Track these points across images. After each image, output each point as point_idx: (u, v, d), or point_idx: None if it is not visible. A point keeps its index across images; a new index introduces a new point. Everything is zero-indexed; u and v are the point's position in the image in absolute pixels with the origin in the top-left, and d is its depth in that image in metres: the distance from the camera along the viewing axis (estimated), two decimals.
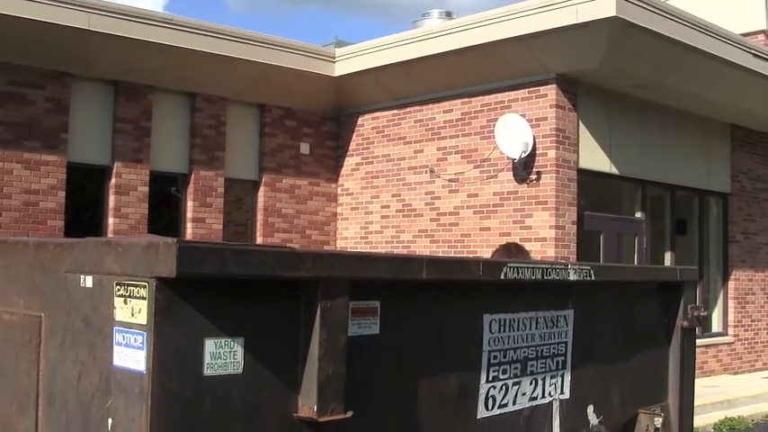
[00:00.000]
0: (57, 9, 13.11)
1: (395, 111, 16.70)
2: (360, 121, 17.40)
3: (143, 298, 2.91)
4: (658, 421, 5.48)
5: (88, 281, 3.21)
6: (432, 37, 15.12)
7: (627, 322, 5.50)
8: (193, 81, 15.40)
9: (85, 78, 14.46)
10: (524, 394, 4.60)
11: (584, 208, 14.77)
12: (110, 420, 3.03)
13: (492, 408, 4.37)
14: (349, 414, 3.41)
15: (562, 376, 4.88)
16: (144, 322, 2.90)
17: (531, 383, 4.64)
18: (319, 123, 17.57)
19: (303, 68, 16.16)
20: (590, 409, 5.09)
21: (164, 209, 15.82)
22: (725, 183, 18.32)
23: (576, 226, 14.31)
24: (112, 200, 14.56)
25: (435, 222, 15.75)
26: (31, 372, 3.52)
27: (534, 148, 14.13)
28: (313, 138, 17.43)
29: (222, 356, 3.06)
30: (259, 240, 16.35)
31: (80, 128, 14.38)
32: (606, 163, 15.04)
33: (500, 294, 4.41)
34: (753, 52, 15.62)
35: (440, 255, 14.55)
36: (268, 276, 3.15)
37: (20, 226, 13.45)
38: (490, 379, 4.34)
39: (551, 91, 14.16)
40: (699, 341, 11.66)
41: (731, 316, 18.43)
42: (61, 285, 3.37)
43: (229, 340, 3.08)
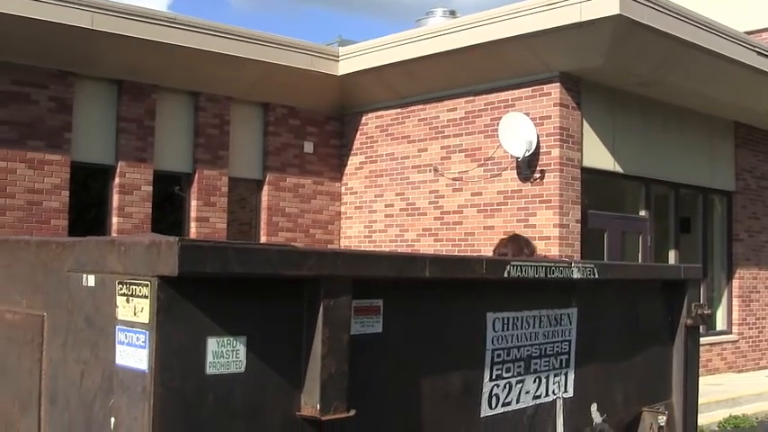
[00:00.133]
0: (60, 8, 13.12)
1: (398, 109, 16.69)
2: (363, 120, 17.39)
3: (145, 297, 2.90)
4: (662, 419, 5.47)
5: (90, 280, 3.21)
6: (435, 36, 15.11)
7: (630, 320, 5.49)
8: (197, 80, 15.40)
9: (89, 78, 14.46)
10: (528, 393, 4.59)
11: (587, 206, 14.75)
12: (112, 419, 3.03)
13: (495, 406, 4.36)
14: (352, 413, 3.40)
15: (566, 374, 4.87)
16: (146, 321, 2.89)
17: (535, 382, 4.64)
18: (323, 122, 17.56)
19: (307, 67, 16.15)
20: (593, 408, 5.09)
21: (168, 208, 15.82)
22: (729, 181, 18.30)
23: (580, 224, 14.30)
24: (116, 199, 14.56)
25: (439, 221, 15.74)
26: (34, 371, 3.52)
27: (538, 147, 14.12)
28: (317, 137, 17.42)
29: (224, 355, 3.05)
30: (263, 239, 16.34)
31: (84, 127, 14.39)
32: (610, 161, 15.03)
33: (503, 293, 4.40)
34: (757, 50, 15.59)
35: (443, 253, 14.54)
36: (270, 275, 3.14)
37: (23, 225, 13.46)
38: (493, 377, 4.34)
39: (555, 89, 14.15)
40: (703, 339, 11.66)
41: (735, 314, 18.41)
42: (63, 284, 3.36)
43: (232, 339, 3.08)
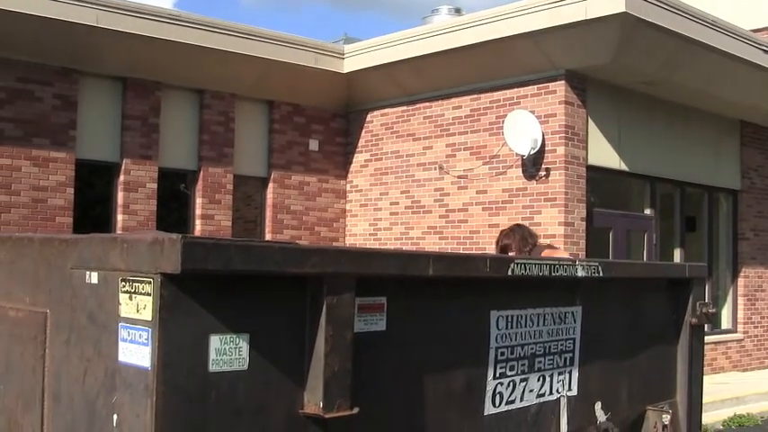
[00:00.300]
0: (65, 6, 13.12)
1: (404, 107, 16.68)
2: (369, 118, 17.38)
3: (148, 294, 2.90)
4: (666, 418, 5.46)
5: (93, 277, 3.21)
6: (441, 33, 15.09)
7: (635, 319, 5.48)
8: (202, 78, 15.40)
9: (94, 75, 14.46)
10: (532, 391, 4.59)
11: (593, 204, 14.73)
12: (115, 417, 3.03)
13: (499, 404, 4.36)
14: (355, 410, 3.40)
15: (570, 373, 4.87)
16: (149, 318, 2.89)
17: (539, 380, 4.63)
18: (328, 120, 17.55)
19: (312, 65, 16.14)
20: (598, 406, 5.08)
21: (173, 205, 15.82)
22: (734, 179, 18.26)
23: (585, 222, 14.27)
24: (121, 197, 14.56)
25: (444, 219, 15.72)
26: (37, 368, 3.52)
27: (543, 145, 14.10)
28: (322, 134, 17.41)
29: (227, 353, 3.05)
30: (268, 237, 16.33)
31: (88, 124, 14.39)
32: (615, 159, 15.00)
33: (507, 291, 4.40)
34: (763, 48, 15.55)
35: (448, 251, 14.53)
36: (273, 272, 3.13)
37: (28, 223, 13.46)
38: (497, 375, 4.33)
39: (560, 87, 14.13)
40: (708, 338, 11.64)
41: (741, 313, 18.38)
42: (66, 281, 3.36)
43: (235, 336, 3.07)
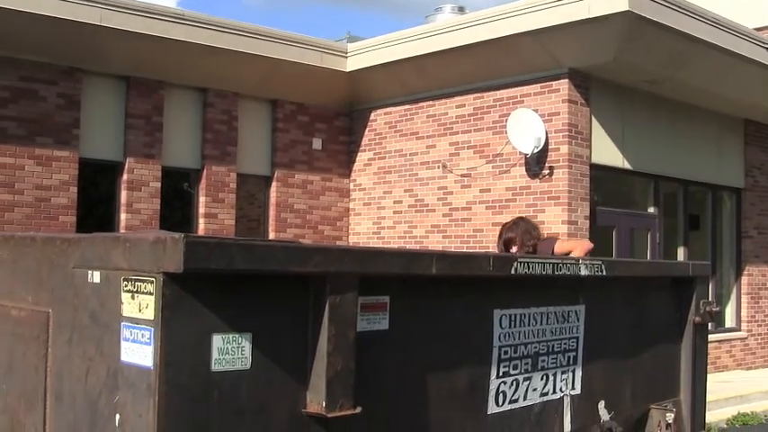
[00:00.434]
0: (69, 5, 13.11)
1: (407, 106, 16.66)
2: (372, 117, 17.37)
3: (150, 293, 2.90)
4: (670, 417, 5.46)
5: (96, 276, 3.20)
6: (444, 32, 15.07)
7: (638, 318, 5.48)
8: (205, 76, 15.39)
9: (97, 74, 14.46)
10: (535, 390, 4.58)
11: (596, 203, 14.72)
12: (117, 416, 3.03)
13: (502, 403, 4.36)
14: (358, 410, 3.40)
15: (573, 372, 4.86)
16: (151, 318, 2.89)
17: (542, 379, 4.63)
18: (332, 119, 17.54)
19: (315, 64, 16.12)
20: (601, 405, 5.08)
21: (176, 204, 15.82)
22: (738, 178, 18.24)
23: (589, 221, 14.26)
24: (124, 195, 14.56)
25: (448, 218, 15.71)
26: (39, 368, 3.51)
27: (547, 143, 14.08)
28: (325, 133, 17.40)
29: (230, 352, 3.05)
30: (271, 236, 16.32)
31: (92, 123, 14.38)
32: (619, 158, 14.99)
33: (511, 289, 4.39)
34: (766, 47, 15.52)
35: (451, 250, 14.52)
36: (276, 271, 3.13)
37: (32, 222, 13.46)
38: (501, 374, 4.33)
39: (564, 86, 14.11)
40: (712, 336, 11.63)
41: (744, 311, 18.36)
42: (69, 281, 3.36)
43: (237, 336, 3.07)
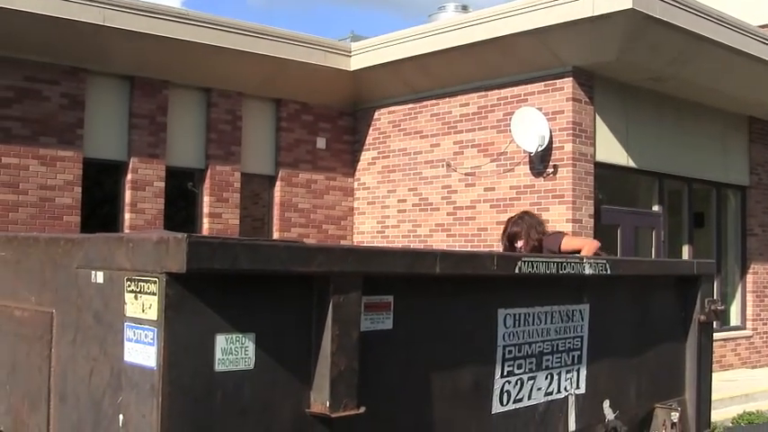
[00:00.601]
0: (71, 5, 13.11)
1: (411, 105, 16.65)
2: (376, 116, 17.36)
3: (153, 293, 2.89)
4: (675, 416, 5.45)
5: (99, 276, 3.20)
6: (447, 31, 15.06)
7: (643, 316, 5.47)
8: (209, 76, 15.39)
9: (101, 74, 14.46)
10: (539, 389, 4.58)
11: (601, 201, 14.70)
12: (121, 416, 3.03)
13: (507, 403, 4.35)
14: (362, 410, 3.40)
15: (578, 371, 4.86)
16: (154, 318, 2.89)
17: (547, 378, 4.62)
18: (336, 118, 17.54)
19: (319, 63, 16.11)
20: (606, 404, 5.07)
21: (180, 204, 15.82)
22: (743, 175, 18.20)
23: (593, 219, 14.24)
24: (128, 195, 14.56)
25: (452, 216, 15.70)
26: (43, 368, 3.51)
27: (551, 142, 14.06)
28: (329, 132, 17.39)
29: (233, 352, 3.05)
30: (276, 235, 16.32)
31: (96, 123, 14.39)
32: (623, 156, 14.96)
33: (515, 288, 4.39)
34: None
35: (455, 249, 14.51)
36: (279, 271, 3.13)
37: (36, 222, 13.47)
38: (505, 374, 4.32)
39: (568, 84, 14.09)
40: (717, 335, 11.61)
41: (749, 309, 18.32)
42: (72, 281, 3.36)
43: (241, 336, 3.07)
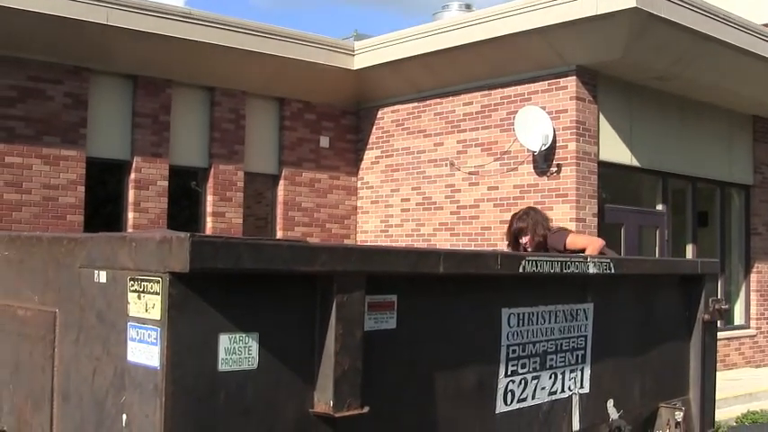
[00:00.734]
0: (75, 4, 13.11)
1: (415, 103, 16.65)
2: (379, 114, 17.36)
3: (157, 293, 2.89)
4: (679, 415, 5.44)
5: (102, 276, 3.20)
6: (451, 29, 15.04)
7: (647, 315, 5.46)
8: (212, 75, 15.38)
9: (104, 73, 14.46)
10: (543, 388, 4.57)
11: (604, 200, 14.68)
12: (124, 416, 3.02)
13: (511, 402, 4.34)
14: (365, 410, 3.39)
15: (582, 370, 4.85)
16: (158, 317, 2.88)
17: (551, 378, 4.62)
18: (339, 117, 17.53)
19: (322, 62, 16.11)
20: (610, 404, 5.06)
21: (184, 203, 15.82)
22: (747, 175, 18.18)
23: (597, 219, 14.22)
24: (132, 194, 14.56)
25: (456, 215, 15.69)
26: (46, 368, 3.51)
27: (554, 141, 14.05)
28: (333, 131, 17.39)
29: (237, 352, 3.04)
30: (279, 234, 16.32)
31: (99, 123, 14.39)
32: (627, 155, 14.95)
33: (518, 288, 4.38)
34: None
35: (459, 248, 14.50)
36: (283, 271, 3.12)
37: (39, 221, 13.48)
38: (509, 373, 4.32)
39: (571, 83, 14.07)
40: (721, 334, 11.59)
41: (753, 309, 18.30)
42: (75, 281, 3.35)
43: (244, 335, 3.06)
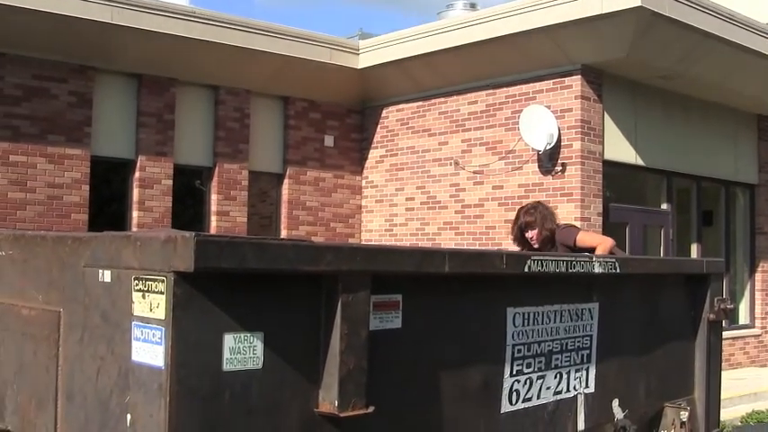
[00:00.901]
0: (80, 3, 13.11)
1: (419, 102, 16.63)
2: (384, 113, 17.35)
3: (161, 293, 2.88)
4: (684, 415, 5.43)
5: (106, 275, 3.19)
6: (456, 28, 15.03)
7: (652, 315, 5.45)
8: (217, 74, 15.38)
9: (109, 72, 14.46)
10: (549, 388, 4.56)
11: (609, 200, 14.67)
12: (128, 416, 3.02)
13: (516, 402, 4.34)
14: (371, 409, 3.38)
15: (587, 370, 4.84)
16: (162, 317, 2.88)
17: (556, 377, 4.61)
18: (343, 116, 17.52)
19: (327, 61, 16.10)
20: (615, 403, 5.05)
21: (188, 202, 15.82)
22: (752, 174, 18.15)
23: (602, 218, 14.21)
24: (136, 193, 14.56)
25: (460, 215, 15.68)
26: (50, 367, 3.50)
27: (559, 140, 14.03)
28: (337, 130, 17.38)
29: (241, 351, 3.04)
30: (284, 233, 16.31)
31: (104, 121, 14.39)
32: (632, 154, 14.93)
33: (524, 287, 4.37)
34: None
35: (464, 247, 14.49)
36: (287, 270, 3.12)
37: (44, 220, 13.49)
38: (514, 373, 4.31)
39: (576, 82, 14.05)
40: (725, 333, 11.56)
41: (758, 308, 18.28)
42: (79, 280, 3.35)
43: (249, 335, 3.05)
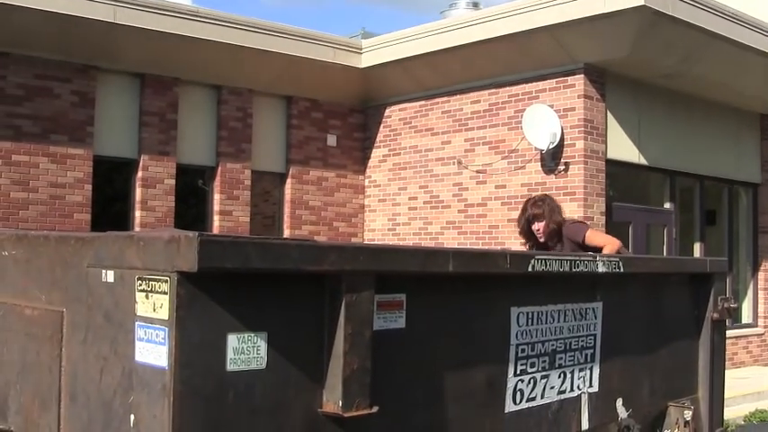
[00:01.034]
0: (82, 2, 13.11)
1: (422, 102, 16.63)
2: (387, 113, 17.34)
3: (164, 293, 2.88)
4: (688, 414, 5.43)
5: (110, 275, 3.19)
6: (459, 27, 15.02)
7: (656, 314, 5.44)
8: (219, 73, 15.38)
9: (111, 71, 14.46)
10: (553, 388, 4.56)
11: (612, 199, 14.66)
12: (132, 417, 3.01)
13: (520, 401, 4.34)
14: (374, 409, 3.38)
15: (591, 369, 4.84)
16: (166, 317, 2.87)
17: (560, 377, 4.61)
18: (346, 115, 17.52)
19: (330, 60, 16.10)
20: (619, 403, 5.05)
21: (191, 201, 15.83)
22: (755, 173, 18.14)
23: (605, 217, 14.20)
24: (139, 193, 14.57)
25: (463, 214, 15.67)
26: (53, 368, 3.50)
27: (562, 139, 14.03)
28: (340, 129, 17.37)
29: (245, 351, 3.03)
30: (286, 233, 16.32)
31: (106, 121, 14.39)
32: (635, 153, 14.92)
33: (528, 287, 4.37)
34: None
35: (467, 247, 14.48)
36: (291, 270, 3.11)
37: (47, 220, 13.49)
38: (518, 372, 4.31)
39: (579, 81, 14.04)
40: (729, 332, 11.55)
41: (761, 307, 18.26)
42: (83, 280, 3.35)
43: (252, 335, 3.05)
